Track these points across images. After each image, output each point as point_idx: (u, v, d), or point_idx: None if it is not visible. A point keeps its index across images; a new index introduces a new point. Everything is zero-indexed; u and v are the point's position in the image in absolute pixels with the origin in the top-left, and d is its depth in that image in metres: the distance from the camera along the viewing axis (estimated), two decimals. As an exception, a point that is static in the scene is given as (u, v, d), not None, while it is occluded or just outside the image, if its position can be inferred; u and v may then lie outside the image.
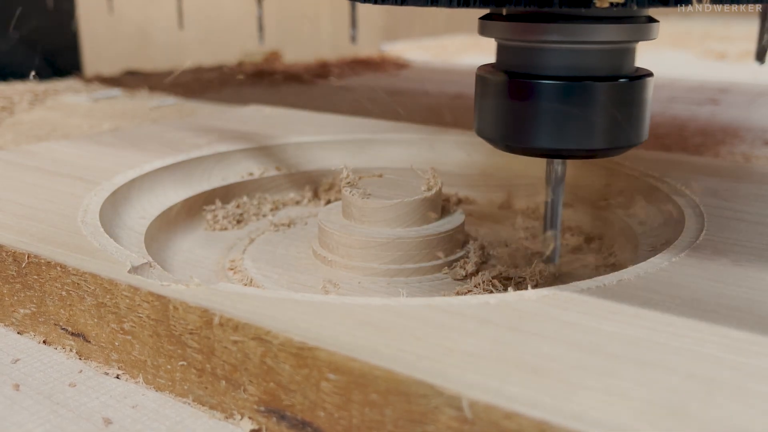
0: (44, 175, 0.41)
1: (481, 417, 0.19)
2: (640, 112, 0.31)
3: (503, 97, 0.31)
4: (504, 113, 0.31)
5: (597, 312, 0.24)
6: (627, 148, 0.32)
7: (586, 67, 0.30)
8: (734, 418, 0.18)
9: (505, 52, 0.32)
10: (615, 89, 0.30)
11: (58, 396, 0.26)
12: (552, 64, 0.30)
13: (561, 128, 0.30)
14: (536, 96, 0.30)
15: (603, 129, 0.30)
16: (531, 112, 0.30)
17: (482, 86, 0.33)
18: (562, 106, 0.30)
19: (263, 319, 0.24)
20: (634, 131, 0.31)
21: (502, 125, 0.32)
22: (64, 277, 0.29)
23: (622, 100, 0.30)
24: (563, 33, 0.29)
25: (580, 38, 0.29)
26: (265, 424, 0.24)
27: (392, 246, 0.36)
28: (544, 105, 0.30)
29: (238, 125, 0.56)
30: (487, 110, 0.32)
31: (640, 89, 0.31)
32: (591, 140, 0.30)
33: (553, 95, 0.30)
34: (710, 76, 1.23)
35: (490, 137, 0.33)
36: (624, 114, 0.31)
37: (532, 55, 0.31)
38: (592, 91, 0.30)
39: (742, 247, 0.31)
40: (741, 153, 0.67)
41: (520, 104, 0.31)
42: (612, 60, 0.31)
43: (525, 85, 0.30)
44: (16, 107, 0.87)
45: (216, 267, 0.39)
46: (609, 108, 0.30)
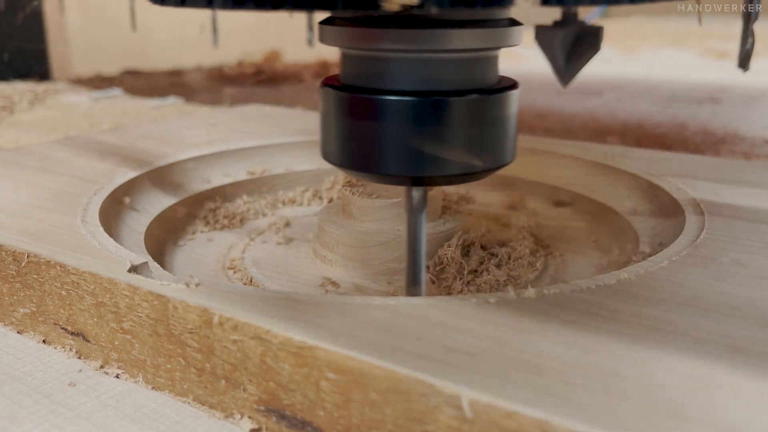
0: (44, 174, 0.41)
1: (481, 416, 0.19)
2: (501, 130, 0.27)
3: (343, 115, 0.27)
4: (348, 135, 0.27)
5: (597, 311, 0.24)
6: (488, 173, 0.27)
7: (434, 81, 0.26)
8: (734, 418, 0.18)
9: (344, 62, 0.28)
10: (468, 106, 0.26)
11: (58, 395, 0.26)
12: (394, 76, 0.26)
13: (411, 152, 0.26)
14: (380, 115, 0.26)
15: (457, 152, 0.26)
16: (376, 134, 0.26)
17: (323, 102, 0.28)
18: (409, 127, 0.25)
19: (263, 318, 0.24)
20: (495, 153, 0.27)
21: (346, 149, 0.27)
22: (63, 276, 0.29)
23: (480, 118, 0.26)
24: (406, 40, 0.25)
25: (428, 46, 0.25)
26: (265, 424, 0.24)
27: (392, 245, 0.36)
28: (389, 125, 0.25)
29: (238, 124, 0.56)
30: (330, 131, 0.28)
31: (501, 105, 0.27)
32: (443, 165, 0.26)
33: (398, 114, 0.25)
34: (711, 75, 1.23)
35: (336, 162, 0.28)
36: (482, 133, 0.26)
37: (370, 66, 0.26)
38: (442, 109, 0.25)
39: (743, 247, 0.31)
40: (741, 152, 0.67)
41: (361, 124, 0.26)
42: (464, 71, 0.26)
43: (364, 103, 0.26)
44: (16, 107, 0.87)
45: (216, 266, 0.39)
46: (460, 128, 0.26)
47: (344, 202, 0.38)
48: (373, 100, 0.26)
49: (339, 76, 0.28)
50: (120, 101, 0.92)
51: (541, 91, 1.06)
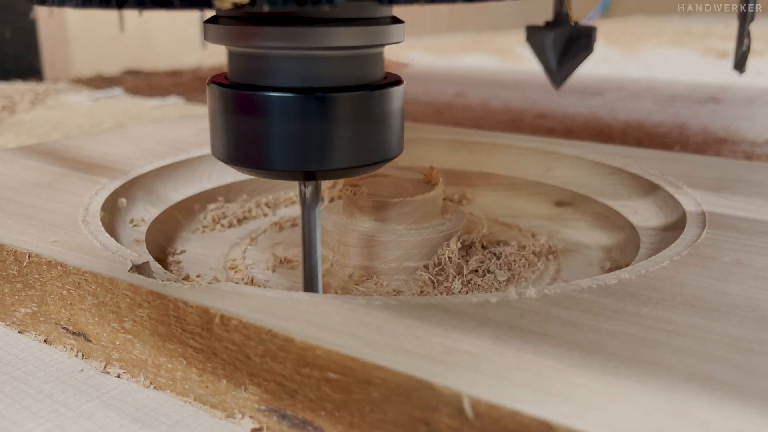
0: (45, 174, 0.41)
1: (482, 416, 0.19)
2: (386, 125, 0.28)
3: (231, 112, 0.27)
4: (235, 132, 0.27)
5: (598, 310, 0.24)
6: (376, 165, 0.28)
7: (318, 77, 0.26)
8: (735, 418, 0.18)
9: (229, 60, 0.28)
10: (353, 101, 0.27)
11: (59, 395, 0.26)
12: (278, 73, 0.27)
13: (298, 147, 0.27)
14: (266, 111, 0.26)
15: (343, 146, 0.27)
16: (263, 130, 0.27)
17: (210, 100, 0.28)
18: (294, 123, 0.26)
19: (264, 318, 0.24)
20: (381, 147, 0.28)
21: (235, 146, 0.28)
22: (64, 276, 0.29)
23: (364, 113, 0.27)
24: (286, 37, 0.26)
25: (308, 44, 0.26)
26: (266, 423, 0.24)
27: (393, 245, 0.36)
28: (275, 122, 0.26)
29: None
30: (219, 128, 0.28)
31: (384, 100, 0.27)
32: (329, 159, 0.27)
33: (283, 110, 0.26)
34: (711, 74, 1.23)
35: (221, 157, 0.28)
36: (367, 128, 0.27)
37: (251, 64, 0.27)
38: (324, 105, 0.26)
39: (743, 246, 0.31)
40: (742, 151, 0.67)
41: (251, 121, 0.27)
42: (347, 68, 0.27)
43: (251, 99, 0.27)
44: (17, 106, 0.87)
45: (217, 266, 0.39)
46: (347, 122, 0.27)
47: (345, 202, 0.38)
48: (259, 97, 0.26)
49: (226, 74, 0.29)
50: (121, 101, 0.93)
51: (541, 90, 1.06)
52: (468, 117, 0.83)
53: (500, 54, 1.57)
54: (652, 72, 1.28)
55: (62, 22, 1.20)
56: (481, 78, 1.22)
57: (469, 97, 1.00)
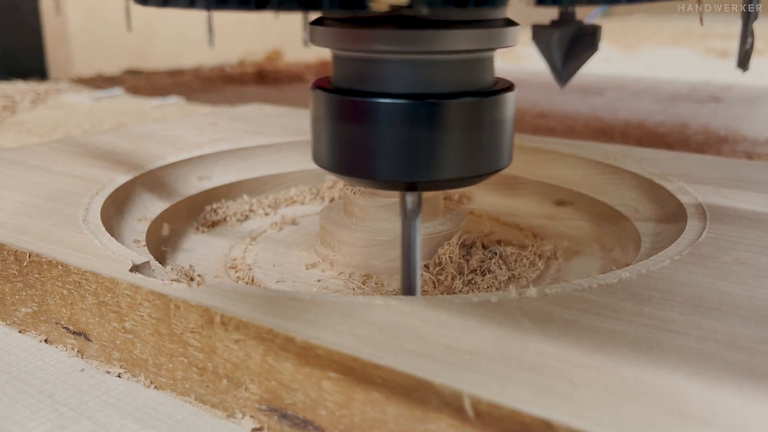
0: (46, 174, 0.41)
1: (482, 415, 0.19)
2: (497, 133, 0.26)
3: (338, 119, 0.26)
4: (339, 139, 0.26)
5: (598, 310, 0.24)
6: (484, 177, 0.27)
7: (427, 83, 0.25)
8: (737, 417, 0.18)
9: (338, 65, 0.27)
10: (465, 108, 0.25)
11: (60, 395, 0.26)
12: (389, 79, 0.25)
13: (404, 157, 0.25)
14: (372, 118, 0.25)
15: (452, 156, 0.25)
16: (368, 138, 0.25)
17: (313, 105, 0.27)
18: (402, 131, 0.25)
19: (264, 317, 0.24)
20: (491, 157, 0.26)
21: (338, 153, 0.26)
22: (65, 275, 0.29)
23: (476, 121, 0.25)
24: (398, 41, 0.24)
25: (420, 47, 0.24)
26: (267, 423, 0.24)
27: (393, 244, 0.36)
28: (381, 129, 0.25)
29: (240, 124, 0.56)
30: (321, 135, 0.27)
31: (497, 107, 0.26)
32: (437, 170, 0.25)
33: (390, 117, 0.25)
34: (712, 74, 1.23)
35: (328, 167, 0.27)
36: (476, 137, 0.26)
37: (362, 68, 0.26)
38: (436, 112, 0.25)
39: (744, 245, 0.31)
40: (743, 151, 0.67)
41: (355, 128, 0.25)
42: (458, 73, 0.25)
43: (356, 106, 0.25)
44: (18, 106, 0.87)
45: (217, 266, 0.39)
46: (455, 131, 0.25)
47: (346, 202, 0.38)
48: (365, 103, 0.25)
49: (330, 78, 0.28)
50: (121, 101, 0.93)
51: (542, 90, 1.06)
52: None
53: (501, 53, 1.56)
54: (652, 71, 1.28)
55: (63, 22, 1.20)
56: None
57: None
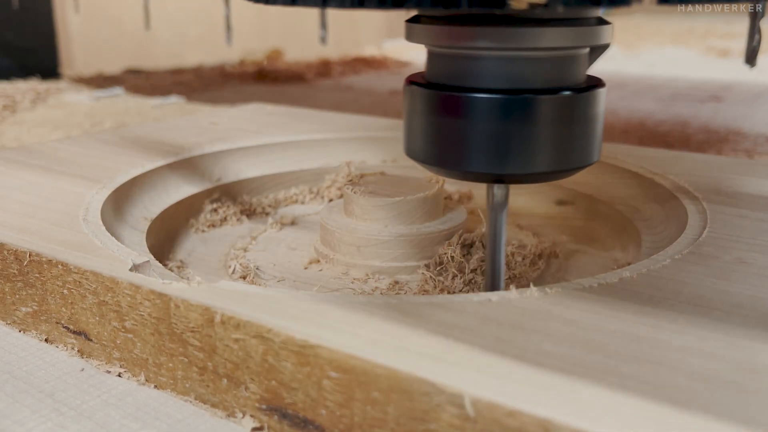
0: (46, 173, 0.41)
1: (483, 415, 0.19)
2: (588, 129, 0.27)
3: (432, 113, 0.27)
4: (432, 132, 0.27)
5: (599, 310, 0.24)
6: (574, 171, 0.27)
7: (523, 79, 0.26)
8: (737, 416, 0.18)
9: (434, 61, 0.28)
10: (558, 104, 0.26)
11: (60, 394, 0.26)
12: (482, 75, 0.26)
13: (496, 150, 0.26)
14: (467, 112, 0.26)
15: (543, 150, 0.26)
16: (461, 131, 0.26)
17: (408, 100, 0.28)
18: (496, 125, 0.26)
19: (265, 316, 0.24)
20: (582, 151, 0.27)
21: (431, 146, 0.27)
22: (65, 275, 0.29)
23: (567, 117, 0.26)
24: (496, 38, 0.25)
25: (518, 44, 0.25)
26: (267, 423, 0.24)
27: (394, 244, 0.36)
28: (475, 123, 0.26)
29: (240, 123, 0.56)
30: (415, 128, 0.28)
31: (588, 103, 0.27)
32: (528, 163, 0.26)
33: (485, 111, 0.26)
34: (713, 73, 1.23)
35: (420, 159, 0.28)
36: (569, 132, 0.26)
37: (462, 65, 0.26)
38: (528, 107, 0.26)
39: (745, 245, 0.31)
40: (744, 150, 0.67)
41: (449, 122, 0.26)
42: (554, 70, 0.26)
43: (454, 100, 0.26)
44: (18, 106, 0.87)
45: (218, 265, 0.39)
46: (551, 125, 0.26)
47: (346, 201, 0.38)
48: (460, 98, 0.26)
49: (423, 74, 0.29)
50: (122, 100, 0.93)
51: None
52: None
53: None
54: (653, 71, 1.28)
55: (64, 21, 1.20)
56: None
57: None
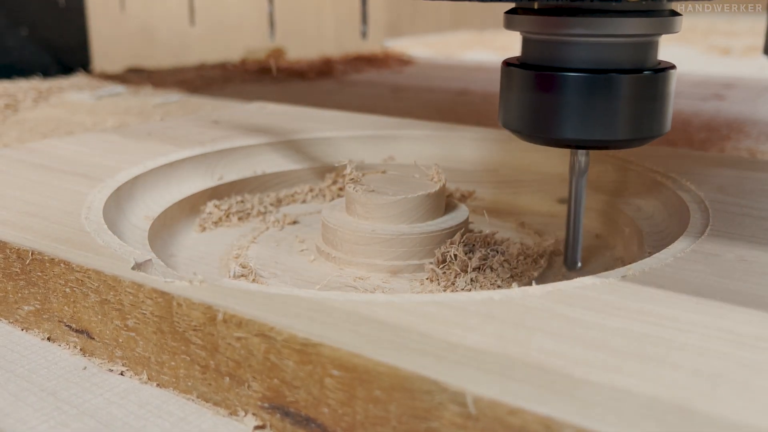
0: (48, 172, 0.41)
1: (485, 413, 0.19)
2: (662, 103, 0.32)
3: (529, 89, 0.32)
4: (529, 105, 0.32)
5: (602, 307, 0.24)
6: (650, 139, 0.32)
7: (610, 60, 0.31)
8: (740, 414, 0.18)
9: (531, 46, 0.33)
10: (639, 82, 0.31)
11: (62, 393, 0.27)
12: (576, 57, 0.31)
13: (585, 119, 0.31)
14: (560, 88, 0.31)
15: (627, 120, 0.31)
16: (555, 104, 0.31)
17: (505, 79, 0.33)
18: (585, 98, 0.31)
19: (267, 315, 0.24)
20: (657, 122, 0.32)
21: (528, 117, 0.32)
22: (67, 273, 0.29)
23: (646, 93, 0.31)
24: (587, 26, 0.30)
25: (604, 31, 0.30)
26: (269, 421, 0.24)
27: (396, 242, 0.36)
28: (567, 97, 0.31)
29: (242, 122, 0.56)
30: (513, 102, 0.33)
31: (664, 81, 0.32)
32: (615, 131, 0.31)
33: (577, 87, 0.31)
34: (715, 71, 1.23)
35: (515, 129, 0.33)
36: (647, 106, 0.31)
37: (558, 49, 0.31)
38: (615, 84, 0.30)
39: (748, 243, 0.31)
40: (746, 148, 0.66)
41: (544, 96, 0.31)
42: (635, 53, 0.31)
43: (550, 78, 0.31)
44: (20, 105, 0.87)
45: (220, 263, 0.39)
46: (633, 100, 0.31)
47: (348, 200, 0.38)
48: (555, 76, 0.31)
49: (519, 58, 0.34)
50: (124, 99, 0.93)
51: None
52: (471, 114, 0.83)
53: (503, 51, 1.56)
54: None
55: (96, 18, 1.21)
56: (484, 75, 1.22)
57: (472, 94, 1.00)
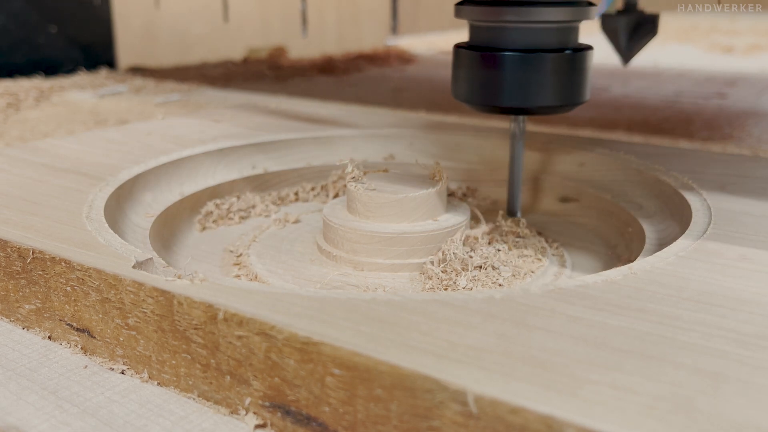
0: (49, 171, 0.41)
1: (486, 411, 0.19)
2: (581, 77, 0.39)
3: (474, 66, 0.39)
4: (475, 80, 0.39)
5: (603, 306, 0.24)
6: (573, 106, 0.39)
7: (538, 42, 0.38)
8: (741, 413, 0.18)
9: (475, 31, 0.40)
10: (561, 59, 0.38)
11: (64, 391, 0.27)
12: (511, 39, 0.38)
13: (519, 90, 0.38)
14: (499, 65, 0.38)
15: (553, 90, 0.38)
16: (495, 78, 0.38)
17: (456, 59, 0.41)
18: (519, 73, 0.38)
19: (268, 314, 0.24)
20: (577, 93, 0.39)
21: (474, 90, 0.39)
22: (68, 272, 0.29)
23: (567, 68, 0.38)
24: (519, 15, 0.37)
25: (533, 18, 0.37)
26: (270, 419, 0.24)
27: (397, 241, 0.36)
28: (505, 72, 0.38)
29: (243, 121, 0.56)
30: (462, 78, 0.40)
31: (582, 59, 0.39)
32: (543, 99, 0.38)
33: (512, 64, 0.38)
34: (717, 70, 1.23)
35: (465, 100, 0.40)
36: (569, 79, 0.38)
37: (496, 33, 0.39)
38: (542, 61, 0.38)
39: (750, 241, 0.31)
40: (748, 146, 0.66)
41: (486, 72, 0.39)
42: (559, 36, 0.38)
43: (491, 57, 0.38)
44: (21, 104, 0.87)
45: (221, 262, 0.39)
46: (557, 74, 0.38)
47: (349, 198, 0.38)
48: (495, 56, 0.38)
49: (467, 41, 0.41)
50: (125, 98, 0.93)
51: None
52: (473, 113, 0.83)
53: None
54: (657, 67, 1.27)
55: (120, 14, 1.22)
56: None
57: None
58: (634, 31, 0.70)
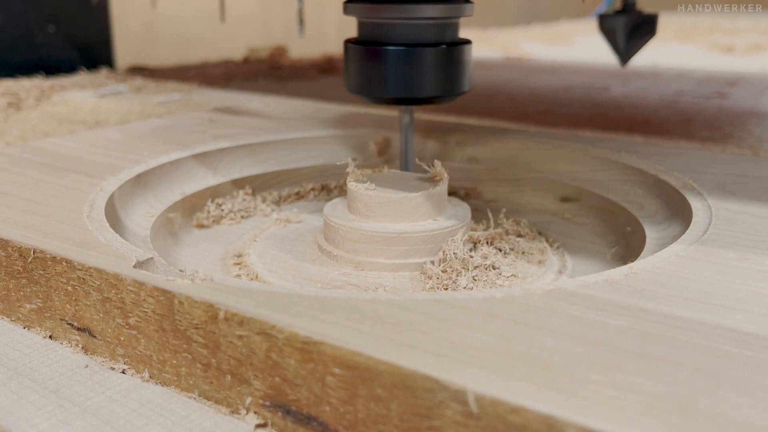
0: (50, 170, 0.41)
1: (486, 411, 0.19)
2: (460, 69, 0.42)
3: (362, 60, 0.41)
4: (364, 73, 0.41)
5: (603, 306, 0.24)
6: (452, 96, 0.42)
7: (418, 37, 0.40)
8: (742, 412, 0.18)
9: (364, 27, 0.42)
10: (439, 53, 0.40)
11: (64, 391, 0.27)
12: (396, 34, 0.40)
13: (402, 82, 0.40)
14: (384, 59, 0.40)
15: (433, 82, 0.40)
16: (381, 71, 0.41)
17: (346, 54, 0.43)
18: (401, 66, 0.40)
19: (268, 313, 0.24)
20: (456, 84, 0.42)
21: (363, 82, 0.42)
22: (69, 272, 0.29)
23: (445, 61, 0.41)
24: (400, 12, 0.40)
25: (413, 15, 0.39)
26: (271, 419, 0.24)
27: (398, 241, 0.36)
28: (389, 65, 0.40)
29: (244, 120, 0.56)
30: (352, 72, 0.42)
31: (459, 53, 0.41)
32: (425, 90, 0.41)
33: (395, 58, 0.40)
34: (717, 69, 1.23)
35: (356, 92, 0.42)
36: (447, 71, 0.41)
37: (383, 29, 0.41)
38: (421, 55, 0.40)
39: (750, 241, 0.31)
40: (748, 146, 0.66)
41: (373, 65, 0.41)
42: (437, 32, 0.41)
43: (376, 51, 0.41)
44: (22, 103, 0.87)
45: (221, 262, 0.39)
46: (436, 67, 0.40)
47: (350, 198, 0.38)
48: (380, 50, 0.40)
49: (356, 38, 0.43)
50: (126, 98, 0.93)
51: (546, 86, 1.06)
52: (474, 112, 0.83)
53: (504, 49, 1.56)
54: (657, 67, 1.27)
55: None
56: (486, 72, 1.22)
57: (474, 92, 1.00)
58: (633, 31, 0.70)
